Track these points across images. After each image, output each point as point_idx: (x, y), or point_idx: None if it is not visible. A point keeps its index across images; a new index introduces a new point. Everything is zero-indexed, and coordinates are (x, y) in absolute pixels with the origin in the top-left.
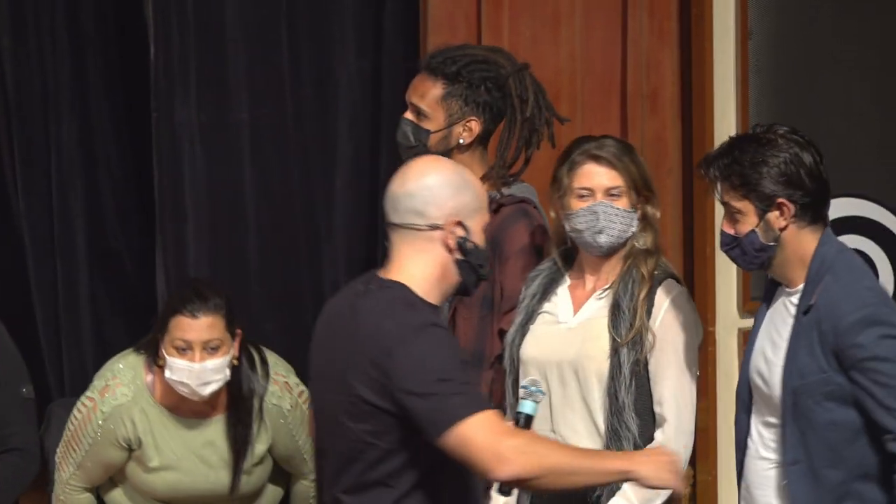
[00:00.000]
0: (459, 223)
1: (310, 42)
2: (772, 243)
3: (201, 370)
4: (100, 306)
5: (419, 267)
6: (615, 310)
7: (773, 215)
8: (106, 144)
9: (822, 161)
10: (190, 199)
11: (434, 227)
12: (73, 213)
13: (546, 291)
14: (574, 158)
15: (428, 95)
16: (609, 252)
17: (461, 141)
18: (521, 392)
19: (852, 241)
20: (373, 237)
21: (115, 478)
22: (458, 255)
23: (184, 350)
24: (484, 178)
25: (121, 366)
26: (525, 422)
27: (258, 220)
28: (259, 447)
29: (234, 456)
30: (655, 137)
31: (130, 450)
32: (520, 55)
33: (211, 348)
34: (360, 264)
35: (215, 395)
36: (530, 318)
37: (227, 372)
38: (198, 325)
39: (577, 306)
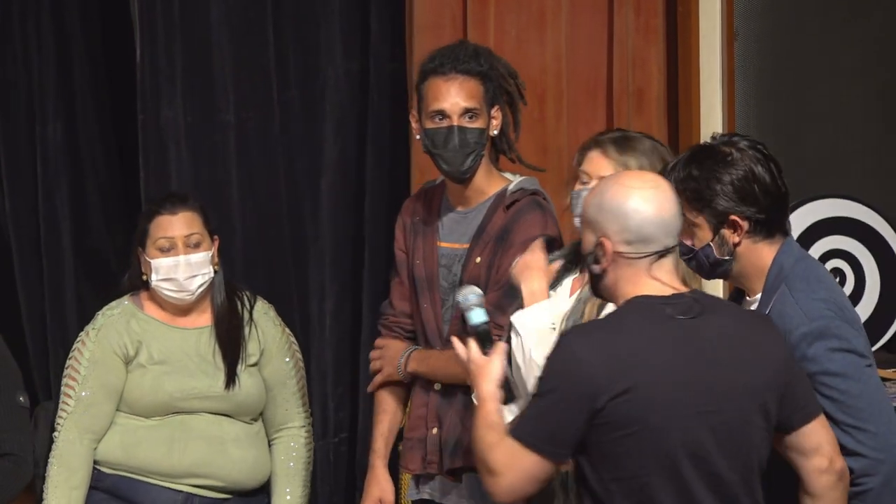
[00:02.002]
0: None
1: (296, 43)
2: (727, 257)
3: (186, 263)
4: (86, 308)
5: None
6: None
7: (727, 231)
8: (92, 145)
9: (781, 173)
10: None
11: None
12: (58, 214)
13: (557, 279)
14: (585, 144)
15: (476, 95)
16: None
17: (494, 132)
18: (464, 304)
19: (839, 242)
20: (359, 239)
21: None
22: None
23: (168, 249)
24: (490, 170)
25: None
26: (485, 331)
27: (244, 221)
28: (252, 346)
29: (230, 353)
30: None
31: (127, 362)
32: (506, 55)
33: (194, 244)
34: (346, 266)
35: (203, 300)
36: None
37: (211, 270)
38: (178, 221)
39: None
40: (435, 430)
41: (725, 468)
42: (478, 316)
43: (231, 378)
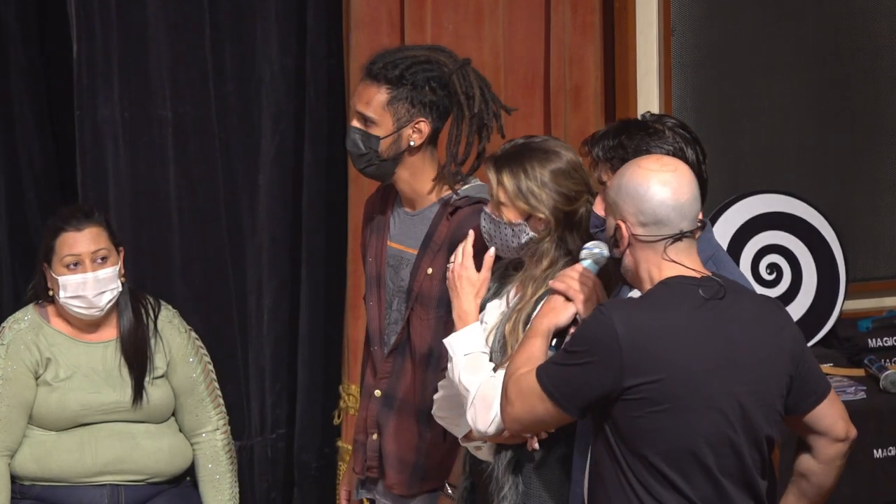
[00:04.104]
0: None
1: (233, 39)
2: None
3: (95, 279)
4: (23, 304)
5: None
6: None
7: None
8: (28, 141)
9: (705, 160)
10: (113, 197)
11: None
12: None
13: (500, 289)
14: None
15: (373, 102)
16: (513, 261)
17: (412, 143)
18: (583, 253)
19: (775, 237)
20: (297, 234)
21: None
22: None
23: (75, 265)
24: (437, 178)
25: (9, 317)
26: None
27: (181, 217)
28: (158, 359)
29: (136, 367)
30: (579, 132)
31: (37, 377)
32: None
33: (101, 258)
34: (283, 261)
35: (110, 313)
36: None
37: (119, 284)
38: (84, 238)
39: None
40: (375, 436)
41: (747, 450)
42: (589, 255)
43: (138, 393)
